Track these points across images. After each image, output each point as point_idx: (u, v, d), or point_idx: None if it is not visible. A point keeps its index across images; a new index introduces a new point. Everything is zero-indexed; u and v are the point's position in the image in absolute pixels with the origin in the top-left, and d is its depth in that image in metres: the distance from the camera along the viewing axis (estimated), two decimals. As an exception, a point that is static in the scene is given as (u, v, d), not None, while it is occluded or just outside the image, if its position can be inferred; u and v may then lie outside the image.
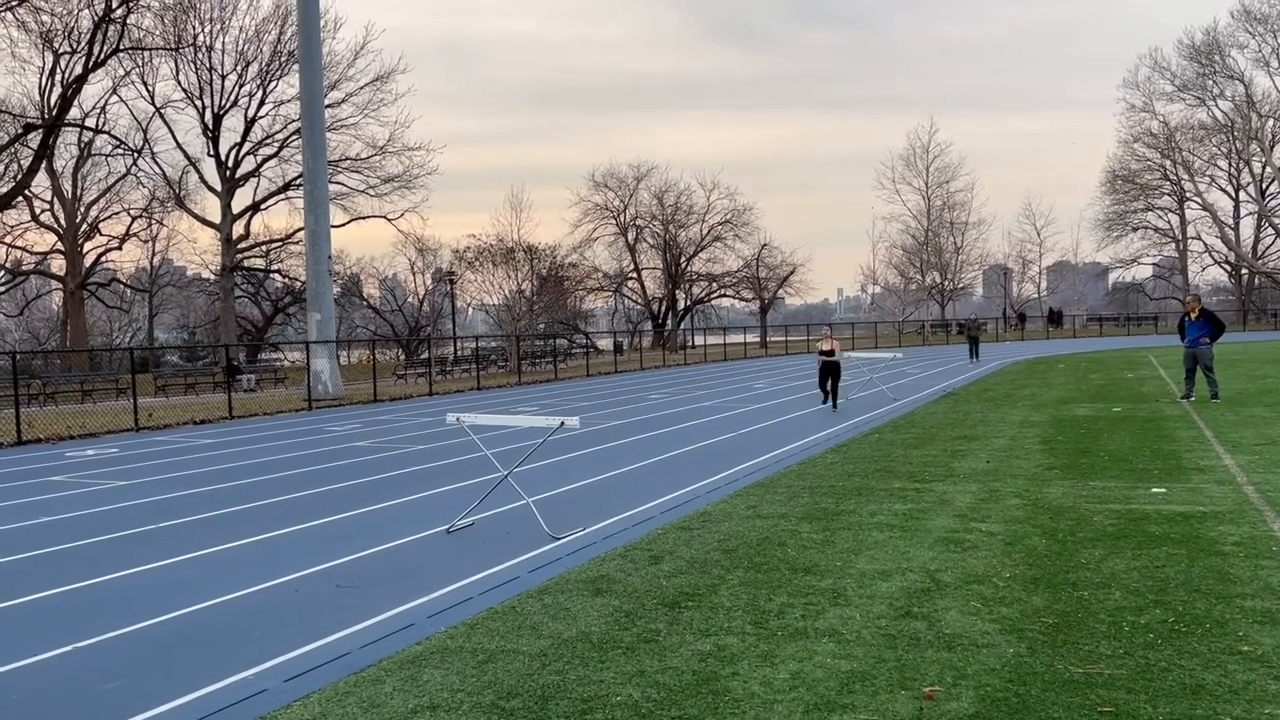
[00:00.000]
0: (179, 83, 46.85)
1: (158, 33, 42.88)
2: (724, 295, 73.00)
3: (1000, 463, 11.55)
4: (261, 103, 48.43)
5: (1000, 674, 4.84)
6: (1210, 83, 69.83)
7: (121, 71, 44.49)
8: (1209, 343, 18.22)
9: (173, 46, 44.34)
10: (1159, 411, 16.56)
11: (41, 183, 48.10)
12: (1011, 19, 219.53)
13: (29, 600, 7.02)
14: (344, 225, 51.53)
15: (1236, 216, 74.09)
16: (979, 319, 47.27)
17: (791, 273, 70.91)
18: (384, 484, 11.84)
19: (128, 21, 39.08)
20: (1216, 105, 70.54)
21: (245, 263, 52.29)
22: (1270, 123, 69.55)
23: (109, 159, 50.63)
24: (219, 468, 14.01)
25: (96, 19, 37.87)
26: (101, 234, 53.52)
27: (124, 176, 50.91)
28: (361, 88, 49.15)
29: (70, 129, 45.02)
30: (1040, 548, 7.35)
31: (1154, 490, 9.48)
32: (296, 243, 49.58)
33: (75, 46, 39.62)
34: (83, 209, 51.96)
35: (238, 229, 49.63)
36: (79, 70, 39.50)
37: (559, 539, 8.26)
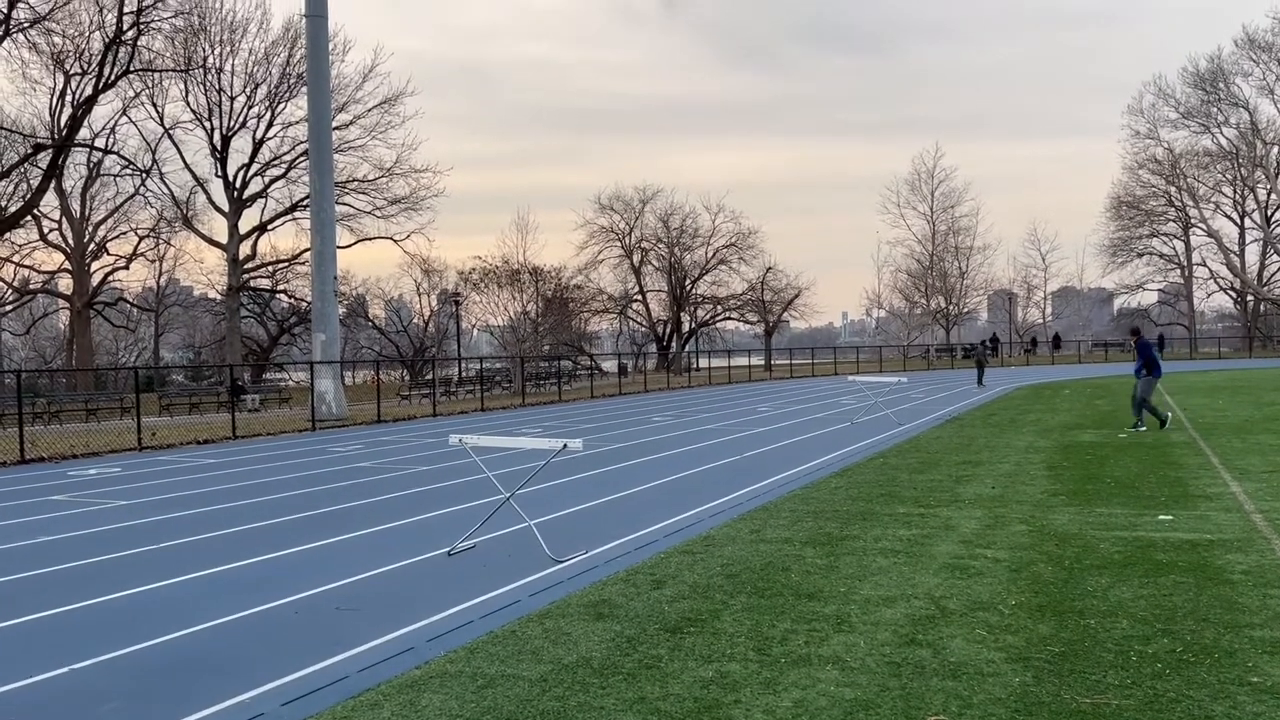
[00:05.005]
0: (188, 104, 47.26)
1: (168, 55, 43.31)
2: (729, 318, 72.97)
3: (1005, 488, 11.48)
4: (270, 124, 48.81)
5: (1006, 704, 4.77)
6: (1215, 110, 70.03)
7: (131, 93, 44.92)
8: (1145, 374, 18.10)
9: (182, 68, 44.75)
10: (1165, 438, 16.48)
11: (50, 202, 48.43)
12: (1018, 45, 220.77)
13: (26, 620, 6.97)
14: (350, 246, 51.83)
15: (1242, 243, 74.14)
16: (987, 342, 46.81)
17: (796, 296, 70.89)
18: (386, 505, 11.79)
19: (138, 43, 39.47)
20: (1221, 132, 70.76)
21: (251, 283, 52.48)
22: (1275, 149, 69.68)
23: (117, 179, 51.01)
24: (221, 488, 13.98)
25: (107, 41, 38.22)
26: (109, 253, 53.86)
27: (132, 196, 51.28)
28: (369, 110, 49.55)
29: (79, 149, 45.34)
30: (1046, 575, 7.28)
31: (1161, 517, 9.41)
32: (302, 263, 49.76)
33: (86, 68, 40.02)
34: (90, 228, 52.24)
35: (244, 249, 49.85)
36: (89, 91, 39.85)
37: (561, 562, 8.20)
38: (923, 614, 6.33)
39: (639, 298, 70.51)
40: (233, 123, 47.85)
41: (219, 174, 48.49)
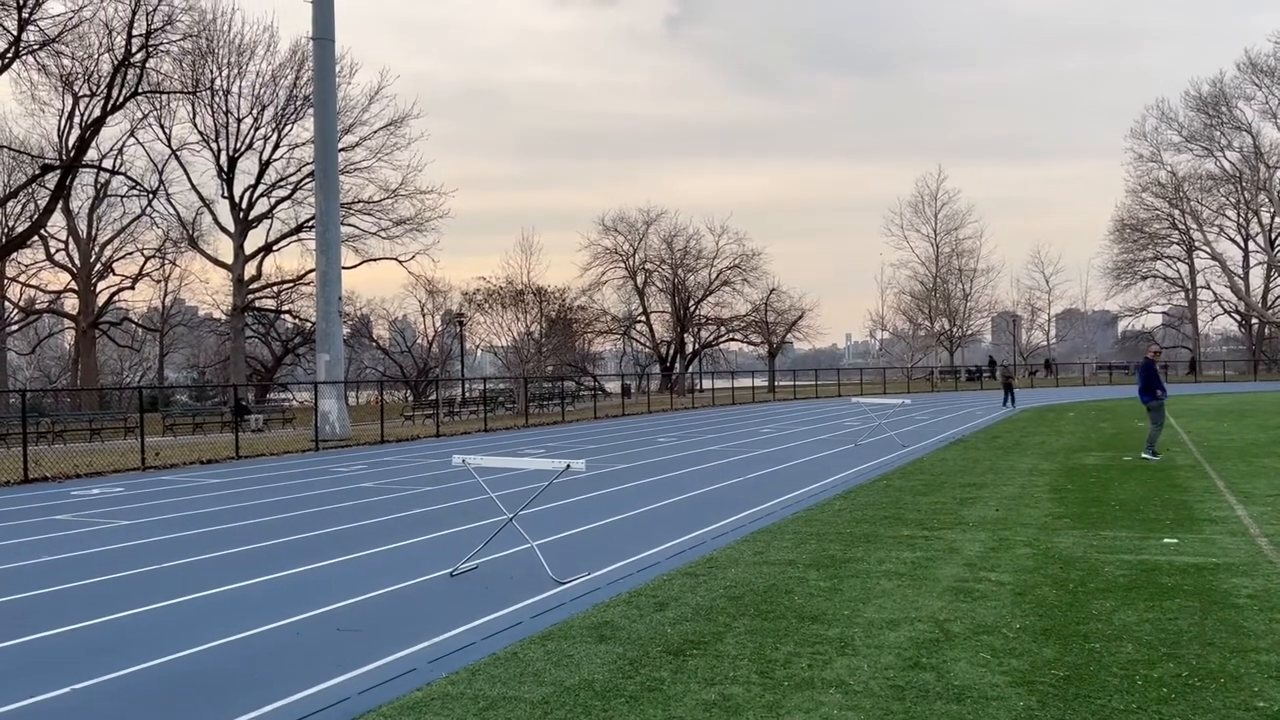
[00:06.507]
0: (195, 125, 47.53)
1: (176, 77, 43.59)
2: (732, 339, 73.06)
3: (1010, 511, 11.44)
4: (276, 145, 49.05)
5: (1010, 728, 4.74)
6: (1218, 133, 70.28)
7: (139, 114, 45.21)
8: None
9: (190, 90, 45.04)
10: (1170, 461, 16.43)
11: (57, 222, 48.68)
12: (1022, 69, 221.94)
13: (28, 640, 6.96)
14: (355, 267, 51.96)
15: (1246, 266, 74.19)
16: (1009, 365, 46.54)
17: (800, 317, 70.94)
18: (388, 526, 11.77)
19: (146, 65, 39.76)
20: (1224, 156, 70.97)
21: (256, 303, 52.63)
22: (1278, 173, 69.80)
23: (124, 200, 51.18)
24: (223, 508, 13.97)
25: (116, 63, 38.54)
26: (115, 273, 54.09)
27: (139, 217, 51.47)
28: (375, 132, 49.79)
29: (87, 170, 45.59)
30: (1051, 598, 7.25)
31: (1166, 541, 9.38)
32: (307, 284, 49.92)
33: (94, 90, 40.28)
34: (97, 249, 52.47)
35: (249, 270, 50.03)
36: (97, 113, 40.14)
37: (563, 584, 8.18)
38: (926, 637, 6.31)
39: (643, 319, 70.70)
40: (239, 144, 48.11)
41: (225, 195, 48.72)
